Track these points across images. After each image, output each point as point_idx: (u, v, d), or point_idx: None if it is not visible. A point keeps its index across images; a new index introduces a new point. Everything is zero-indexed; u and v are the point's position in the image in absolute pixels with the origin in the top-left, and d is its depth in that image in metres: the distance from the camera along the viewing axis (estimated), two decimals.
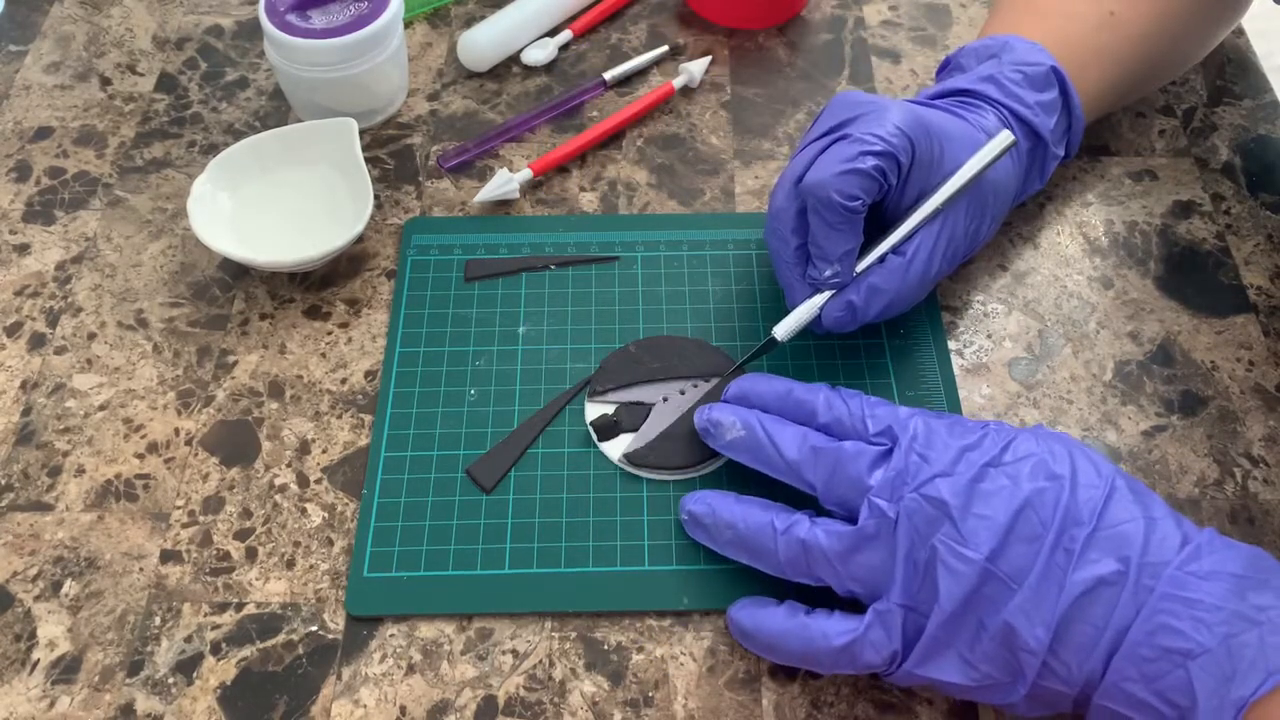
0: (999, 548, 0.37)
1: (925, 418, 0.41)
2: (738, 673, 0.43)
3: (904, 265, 0.47)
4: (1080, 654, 0.36)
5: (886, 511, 0.38)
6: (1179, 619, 0.35)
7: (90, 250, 0.56)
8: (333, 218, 0.55)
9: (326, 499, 0.47)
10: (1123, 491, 0.38)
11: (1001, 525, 0.37)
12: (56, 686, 0.43)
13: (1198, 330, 0.53)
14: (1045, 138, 0.51)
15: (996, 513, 0.37)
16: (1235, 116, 0.62)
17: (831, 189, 0.44)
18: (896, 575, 0.38)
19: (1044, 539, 0.37)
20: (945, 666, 0.38)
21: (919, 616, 0.38)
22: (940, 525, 0.38)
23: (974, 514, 0.37)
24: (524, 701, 0.42)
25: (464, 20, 0.67)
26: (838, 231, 0.45)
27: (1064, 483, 0.38)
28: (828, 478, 0.41)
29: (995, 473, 0.38)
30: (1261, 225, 0.57)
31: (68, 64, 0.65)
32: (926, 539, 0.38)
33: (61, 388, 0.51)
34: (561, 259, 0.55)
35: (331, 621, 0.44)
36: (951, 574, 0.37)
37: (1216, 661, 0.34)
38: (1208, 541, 0.37)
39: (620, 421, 0.48)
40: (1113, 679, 0.36)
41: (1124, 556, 0.36)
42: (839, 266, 0.46)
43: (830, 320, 0.47)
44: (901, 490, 0.39)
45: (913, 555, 0.38)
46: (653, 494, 0.47)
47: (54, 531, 0.47)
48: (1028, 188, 0.53)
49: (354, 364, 0.52)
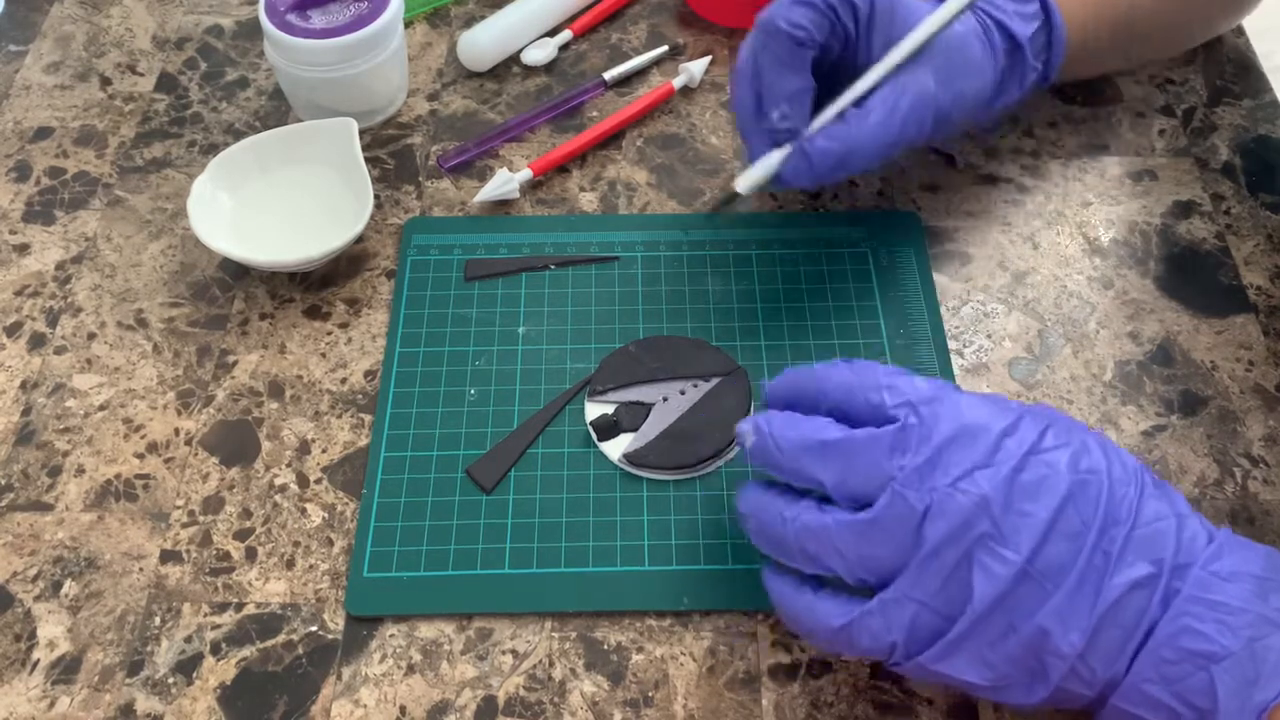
0: (1038, 547, 0.35)
1: (952, 394, 0.38)
2: (738, 673, 0.43)
3: (861, 116, 0.47)
4: (1108, 658, 0.35)
5: (913, 503, 0.35)
6: (1203, 622, 0.34)
7: (90, 250, 0.56)
8: (333, 218, 0.55)
9: (326, 499, 0.47)
10: (1151, 487, 0.37)
11: (1043, 522, 0.35)
12: (56, 686, 0.43)
13: (1198, 330, 0.53)
14: (1023, 45, 0.50)
15: (1039, 508, 0.35)
16: (1235, 116, 0.62)
17: (780, 18, 0.45)
18: (912, 567, 0.36)
19: (1085, 538, 0.35)
20: (964, 665, 0.36)
21: (932, 612, 0.36)
22: (979, 523, 0.35)
23: (1015, 510, 0.35)
24: (524, 701, 0.42)
25: (464, 20, 0.67)
26: (785, 67, 0.45)
27: (1103, 476, 0.36)
28: (839, 476, 0.37)
29: (1035, 461, 0.36)
30: (1261, 225, 0.57)
31: (68, 64, 0.65)
32: (960, 536, 0.35)
33: (61, 388, 0.51)
34: (561, 259, 0.55)
35: (331, 621, 0.44)
36: (987, 575, 0.35)
37: (1240, 664, 0.33)
38: (1227, 540, 0.36)
39: (620, 421, 0.48)
40: (1132, 680, 0.35)
41: (1158, 559, 0.35)
42: (787, 108, 0.46)
43: (788, 171, 0.47)
44: (933, 480, 0.36)
45: (940, 552, 0.35)
46: (653, 494, 0.47)
47: (54, 531, 0.47)
48: (1005, 93, 0.52)
49: (354, 364, 0.52)
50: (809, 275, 0.54)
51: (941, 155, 0.59)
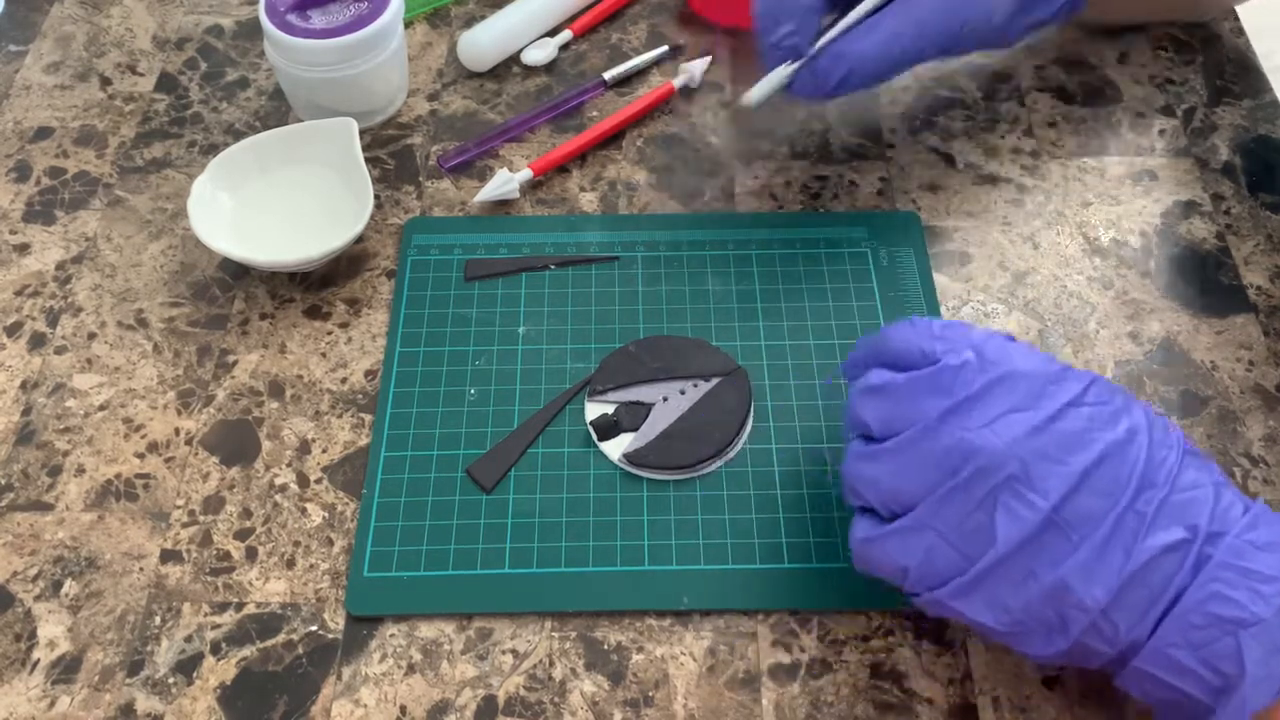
0: (1068, 496, 0.35)
1: (1002, 343, 0.38)
2: (738, 673, 0.43)
3: (867, 30, 0.49)
4: (1132, 617, 0.35)
5: (942, 438, 0.36)
6: (1235, 588, 0.34)
7: (90, 250, 0.56)
8: (333, 218, 0.55)
9: (326, 499, 0.47)
10: (1191, 455, 0.37)
11: (1075, 473, 0.35)
12: (56, 686, 0.43)
13: (1198, 330, 0.53)
14: None
15: (1073, 459, 0.35)
16: (1235, 116, 0.62)
17: None
18: (933, 498, 0.36)
19: (1118, 497, 0.35)
20: (981, 606, 0.36)
21: (951, 547, 0.36)
22: (1007, 464, 0.35)
23: (1049, 457, 0.35)
24: (524, 701, 0.42)
25: (464, 20, 0.67)
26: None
27: (1143, 438, 0.36)
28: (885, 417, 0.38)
29: (1075, 413, 0.36)
30: (1261, 225, 0.57)
31: (68, 64, 0.65)
32: (987, 476, 0.35)
33: (61, 387, 0.51)
34: (561, 259, 0.55)
35: (331, 621, 0.44)
36: (1012, 517, 0.35)
37: (1269, 632, 0.33)
38: (1263, 511, 0.36)
39: (620, 421, 0.48)
40: (1157, 644, 0.35)
41: (1192, 525, 0.35)
42: (794, 25, 0.48)
43: (797, 85, 0.50)
44: (968, 420, 0.36)
45: (966, 488, 0.36)
46: (653, 494, 0.47)
47: (54, 531, 0.47)
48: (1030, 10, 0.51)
49: (354, 364, 0.52)
50: (809, 275, 0.54)
51: (941, 155, 0.59)
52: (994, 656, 0.43)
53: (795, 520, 0.46)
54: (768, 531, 0.46)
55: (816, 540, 0.46)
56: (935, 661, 0.43)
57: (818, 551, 0.45)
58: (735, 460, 0.48)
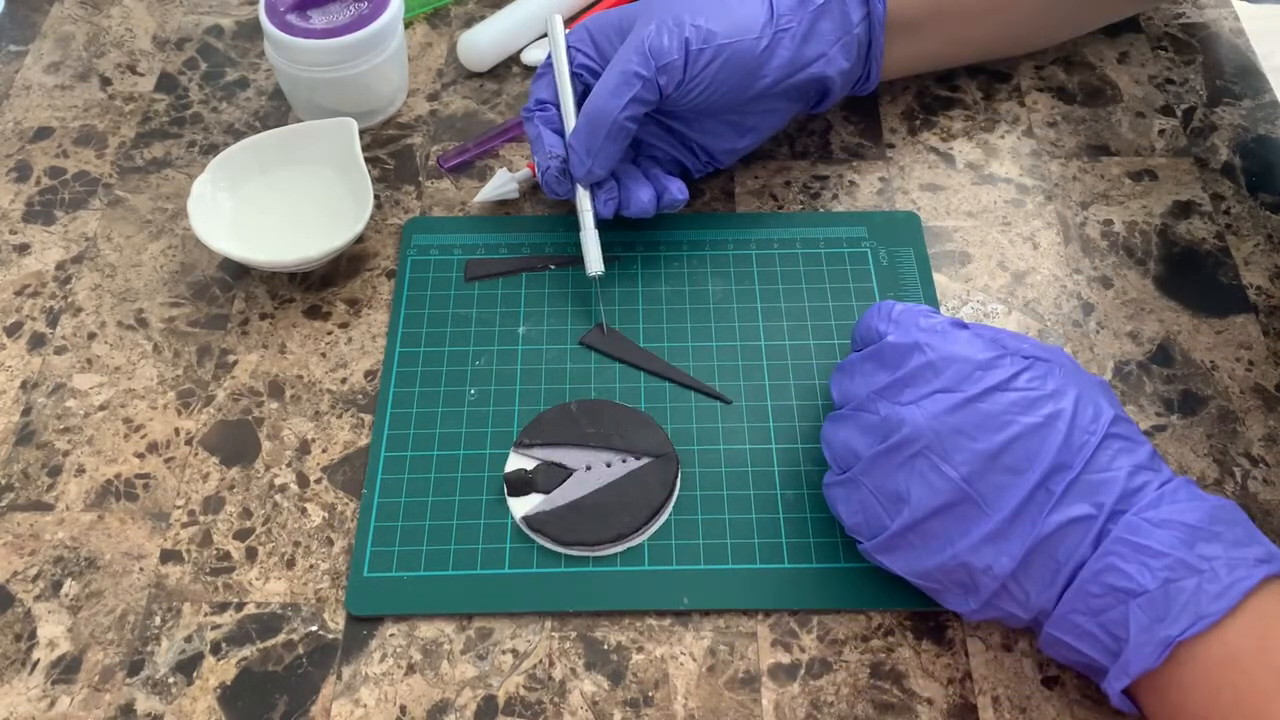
0: (979, 470, 0.38)
1: (950, 329, 0.42)
2: (738, 673, 0.43)
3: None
4: (1039, 585, 0.39)
5: (878, 410, 0.41)
6: (1127, 561, 0.37)
7: (90, 250, 0.56)
8: (333, 218, 0.55)
9: (326, 499, 0.47)
10: (1113, 440, 0.39)
11: (986, 451, 0.38)
12: (56, 686, 0.43)
13: (1197, 330, 0.53)
14: None
15: (986, 437, 0.38)
16: (1235, 116, 0.62)
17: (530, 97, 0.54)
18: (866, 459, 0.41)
19: (1028, 475, 0.38)
20: (902, 562, 0.41)
21: (880, 505, 0.41)
22: (924, 437, 0.39)
23: (963, 434, 0.39)
24: (524, 701, 0.42)
25: (464, 20, 0.67)
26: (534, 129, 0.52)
27: (1060, 424, 0.39)
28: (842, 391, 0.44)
29: (999, 397, 0.39)
30: (1261, 225, 0.57)
31: (68, 64, 0.65)
32: (907, 445, 0.39)
33: (61, 388, 0.51)
34: (561, 259, 0.55)
35: (331, 621, 0.44)
36: (925, 484, 0.39)
37: (1153, 602, 0.36)
38: (1172, 491, 0.38)
39: (535, 480, 0.46)
40: (1063, 610, 0.38)
41: (1098, 503, 0.38)
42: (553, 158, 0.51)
43: (553, 188, 0.52)
44: (901, 396, 0.41)
45: (890, 453, 0.40)
46: None
47: (54, 531, 0.47)
48: None
49: (354, 364, 0.52)
50: (809, 275, 0.54)
51: (941, 155, 0.59)
52: (994, 656, 0.43)
53: (795, 520, 0.46)
54: (768, 531, 0.46)
55: (816, 540, 0.46)
56: (935, 661, 0.43)
57: (818, 551, 0.45)
58: (735, 461, 0.48)
